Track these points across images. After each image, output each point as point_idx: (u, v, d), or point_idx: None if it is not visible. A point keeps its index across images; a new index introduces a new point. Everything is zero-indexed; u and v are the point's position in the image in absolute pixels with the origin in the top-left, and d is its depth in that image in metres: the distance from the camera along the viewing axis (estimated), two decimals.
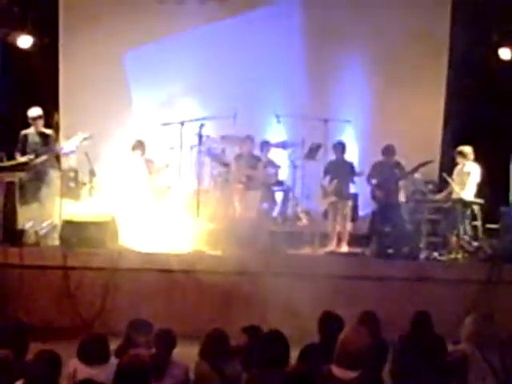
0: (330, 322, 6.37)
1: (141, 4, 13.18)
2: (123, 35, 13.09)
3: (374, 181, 11.45)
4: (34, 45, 12.67)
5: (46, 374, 5.31)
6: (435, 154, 12.47)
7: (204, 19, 13.11)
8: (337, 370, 5.18)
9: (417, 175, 11.40)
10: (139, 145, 11.61)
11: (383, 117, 13.01)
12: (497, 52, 12.24)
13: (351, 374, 5.13)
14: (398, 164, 11.40)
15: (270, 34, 13.13)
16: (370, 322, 6.68)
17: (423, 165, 11.23)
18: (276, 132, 12.89)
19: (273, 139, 12.66)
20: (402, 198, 11.42)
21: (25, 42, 12.44)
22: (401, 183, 11.39)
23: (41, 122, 11.10)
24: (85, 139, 10.88)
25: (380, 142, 11.82)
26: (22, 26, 12.45)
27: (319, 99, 13.06)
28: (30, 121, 11.05)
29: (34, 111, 11.08)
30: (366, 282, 9.58)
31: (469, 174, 11.08)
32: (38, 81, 12.60)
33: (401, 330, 6.96)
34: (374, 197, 11.47)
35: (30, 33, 12.51)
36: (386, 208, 11.20)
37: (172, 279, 9.74)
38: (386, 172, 11.35)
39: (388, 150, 11.43)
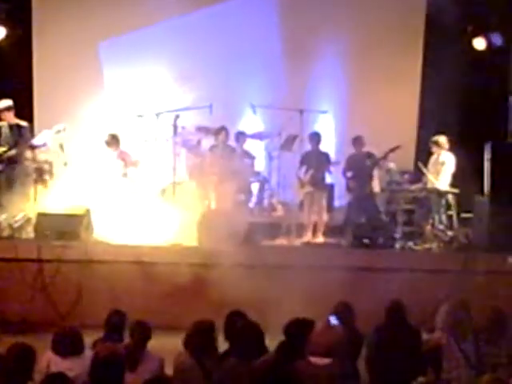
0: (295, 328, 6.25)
1: None
2: (98, 25, 12.98)
3: (349, 173, 11.49)
4: (7, 36, 12.54)
5: (19, 368, 5.28)
6: (411, 143, 12.50)
7: (179, 9, 13.03)
8: (312, 359, 5.33)
9: (392, 165, 11.41)
10: (113, 139, 11.53)
11: (359, 107, 13.03)
12: (471, 42, 12.30)
13: (325, 361, 5.30)
14: (369, 154, 11.45)
15: (246, 24, 13.13)
16: (345, 313, 6.69)
17: (392, 150, 11.24)
18: (252, 123, 12.87)
19: (249, 130, 12.64)
20: (376, 188, 11.47)
21: None
22: (376, 173, 11.43)
23: (10, 114, 10.95)
24: (58, 131, 10.80)
25: (356, 132, 11.85)
26: None
27: (295, 90, 13.04)
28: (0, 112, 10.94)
29: (1, 103, 10.97)
30: (341, 273, 9.55)
31: (443, 163, 11.13)
32: (11, 72, 12.49)
33: (376, 320, 6.97)
34: (348, 189, 11.52)
35: (2, 24, 12.39)
36: (360, 199, 11.24)
37: (147, 271, 9.68)
38: (359, 163, 11.41)
39: (357, 141, 11.54)
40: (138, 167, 11.55)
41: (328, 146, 12.39)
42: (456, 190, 11.05)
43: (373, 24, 12.98)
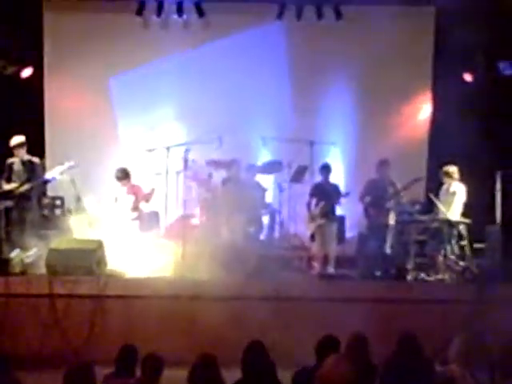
0: (328, 345, 6.33)
1: (125, 29, 13.23)
2: (108, 61, 13.12)
3: (367, 198, 11.44)
4: (18, 73, 12.67)
5: None
6: (421, 174, 12.49)
7: (189, 43, 13.21)
8: None
9: (403, 196, 11.40)
10: (123, 173, 11.55)
11: (369, 139, 13.09)
12: (480, 71, 12.35)
13: None
14: (391, 183, 11.41)
15: (255, 57, 13.22)
16: (359, 345, 6.65)
17: (416, 181, 11.26)
18: (262, 155, 12.91)
19: (259, 162, 12.67)
20: (392, 220, 11.37)
21: (10, 70, 12.42)
22: (390, 204, 11.37)
23: (22, 150, 11.02)
24: (70, 167, 10.85)
25: (365, 164, 11.88)
26: (6, 53, 12.47)
27: (305, 122, 13.11)
28: (12, 149, 11.01)
29: (14, 139, 11.03)
30: (353, 304, 9.52)
31: (454, 193, 11.09)
32: (23, 109, 12.58)
33: (388, 352, 6.92)
34: (367, 215, 11.46)
35: (14, 61, 12.51)
36: (376, 228, 11.20)
37: (160, 305, 9.67)
38: (380, 190, 11.35)
39: (384, 165, 11.45)
40: (149, 201, 11.57)
41: (338, 177, 12.40)
42: (468, 221, 11.00)
43: (381, 56, 13.01)
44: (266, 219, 12.24)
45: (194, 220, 11.70)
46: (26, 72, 12.72)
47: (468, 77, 12.61)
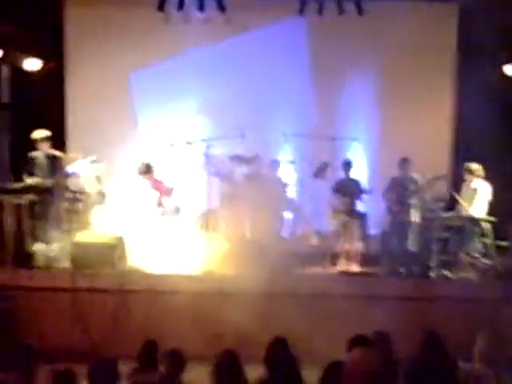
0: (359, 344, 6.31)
1: (147, 24, 13.18)
2: (129, 56, 13.10)
3: (390, 195, 11.41)
4: (41, 68, 12.70)
5: None
6: (444, 171, 12.41)
7: (210, 38, 13.14)
8: None
9: (426, 193, 11.34)
10: (146, 168, 11.60)
11: (391, 134, 13.00)
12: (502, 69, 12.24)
13: None
14: (413, 180, 11.36)
15: (276, 52, 13.17)
16: (382, 343, 6.63)
17: (438, 178, 11.21)
18: (284, 151, 12.88)
19: (281, 158, 12.64)
20: (415, 216, 11.29)
21: (33, 64, 12.45)
22: (413, 201, 11.31)
23: (46, 144, 11.05)
24: (92, 161, 10.89)
25: (388, 160, 11.82)
26: (28, 48, 12.50)
27: (326, 118, 13.06)
28: (35, 143, 11.04)
29: (38, 133, 11.06)
30: (377, 302, 9.50)
31: (475, 190, 11.02)
32: (45, 103, 12.62)
33: (412, 350, 6.89)
34: (390, 212, 11.42)
35: (36, 55, 12.53)
36: (400, 224, 11.16)
37: (182, 300, 9.67)
38: (402, 187, 11.32)
39: (405, 163, 11.42)
40: (172, 196, 11.59)
41: (360, 173, 12.36)
42: (492, 218, 10.93)
43: (403, 51, 12.94)
44: (288, 216, 12.23)
45: (217, 215, 11.68)
46: (34, 64, 12.63)
47: (509, 70, 12.38)
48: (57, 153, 11.18)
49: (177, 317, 9.65)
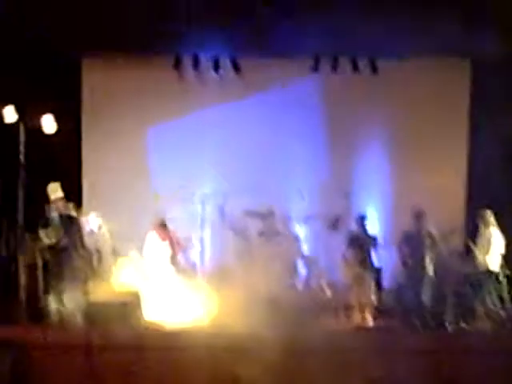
0: None
1: (162, 83, 13.37)
2: (145, 113, 13.30)
3: (405, 249, 11.36)
4: (57, 122, 12.84)
5: None
6: (459, 222, 12.39)
7: (225, 97, 13.31)
8: None
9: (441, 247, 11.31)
10: (161, 224, 11.65)
11: (405, 189, 13.02)
12: None
13: None
14: (429, 234, 11.31)
15: (291, 108, 13.34)
16: None
17: (452, 232, 11.19)
18: (298, 206, 12.90)
19: (295, 213, 12.66)
20: (430, 270, 11.23)
21: (49, 128, 12.58)
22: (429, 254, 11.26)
23: (60, 203, 11.09)
24: (106, 220, 10.92)
25: (402, 213, 11.81)
26: (45, 109, 12.67)
27: (340, 173, 13.15)
28: (51, 202, 11.10)
29: (52, 192, 11.09)
30: (394, 356, 9.41)
31: (489, 239, 11.00)
32: (60, 158, 12.74)
33: None
34: (404, 265, 11.36)
35: (53, 113, 12.68)
36: (413, 278, 11.10)
37: (197, 357, 9.61)
38: (417, 241, 11.27)
39: (420, 216, 11.37)
40: (186, 251, 11.61)
41: (374, 226, 12.35)
42: (507, 271, 10.87)
43: (417, 105, 13.15)
44: (302, 269, 12.20)
45: (231, 271, 11.68)
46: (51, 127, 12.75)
47: None
48: (71, 212, 11.19)
49: (193, 373, 9.58)
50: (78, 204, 12.72)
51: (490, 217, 11.07)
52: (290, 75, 13.34)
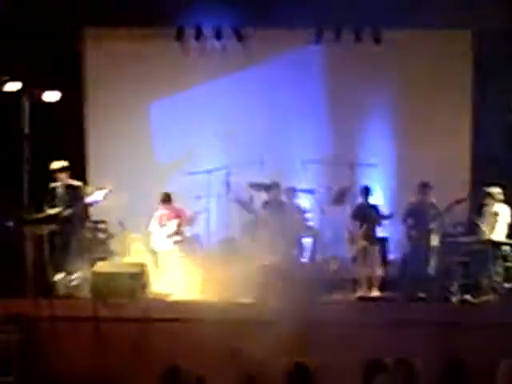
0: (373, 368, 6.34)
1: (165, 55, 13.34)
2: (147, 86, 13.28)
3: (409, 221, 11.41)
4: (61, 99, 12.81)
5: None
6: (463, 195, 12.39)
7: (228, 68, 13.31)
8: None
9: (445, 218, 11.34)
10: (166, 197, 11.68)
11: (409, 160, 13.03)
12: None
13: None
14: (432, 205, 11.35)
15: (295, 79, 13.31)
16: (404, 368, 6.60)
17: (458, 202, 11.19)
18: (303, 178, 12.91)
19: (300, 185, 12.68)
20: (435, 241, 11.29)
21: (52, 96, 12.55)
22: (433, 226, 11.30)
23: (64, 175, 11.10)
24: (111, 191, 10.93)
25: (407, 185, 11.86)
26: (48, 80, 12.63)
27: (344, 144, 13.16)
28: (54, 173, 11.11)
29: (56, 164, 11.13)
30: (398, 327, 9.46)
31: (496, 214, 11.02)
32: (64, 133, 12.73)
33: (435, 375, 6.86)
34: (409, 237, 11.42)
35: (56, 86, 12.65)
36: (419, 250, 11.15)
37: (204, 328, 9.66)
38: (422, 213, 11.31)
39: (425, 188, 11.40)
40: (193, 224, 11.64)
41: (379, 199, 12.38)
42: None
43: (420, 77, 13.09)
44: (307, 242, 12.24)
45: (237, 243, 11.72)
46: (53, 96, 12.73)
47: None
48: (76, 183, 11.22)
49: (200, 345, 9.63)
50: (83, 176, 12.79)
51: (496, 190, 11.08)
52: (293, 44, 13.26)
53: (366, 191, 11.77)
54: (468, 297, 10.52)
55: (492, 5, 11.72)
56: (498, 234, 10.95)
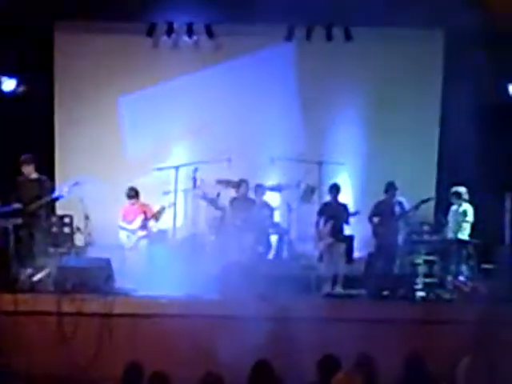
0: (328, 365, 6.36)
1: (135, 50, 13.27)
2: (118, 80, 13.22)
3: (375, 219, 11.49)
4: (29, 90, 12.73)
5: None
6: (430, 194, 12.45)
7: (198, 65, 13.26)
8: None
9: (411, 217, 11.42)
10: (133, 192, 11.64)
11: (377, 159, 13.06)
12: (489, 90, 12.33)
13: None
14: (399, 203, 11.44)
15: (265, 77, 13.27)
16: (366, 365, 6.63)
17: (424, 202, 11.29)
18: (271, 175, 12.92)
19: (267, 182, 12.68)
20: (400, 240, 11.40)
21: (8, 85, 12.49)
22: (399, 224, 11.39)
23: (30, 168, 11.03)
24: (77, 185, 10.87)
25: (374, 184, 11.90)
26: (15, 71, 12.56)
27: (314, 142, 13.17)
28: (20, 166, 11.03)
29: (22, 157, 11.06)
30: (361, 324, 9.50)
31: (464, 214, 11.12)
32: (32, 126, 12.63)
33: (395, 373, 6.90)
34: (375, 235, 11.49)
35: (25, 79, 12.58)
36: (385, 247, 11.22)
37: (167, 323, 9.67)
38: (388, 211, 11.40)
39: (391, 187, 11.49)
40: (159, 220, 11.61)
41: (346, 197, 12.42)
42: (476, 241, 11.00)
43: (390, 76, 13.11)
44: (274, 239, 12.25)
45: (203, 239, 11.70)
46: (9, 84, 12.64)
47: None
48: (42, 176, 11.15)
49: (162, 341, 9.62)
50: (51, 170, 12.71)
51: (463, 190, 11.17)
52: (264, 42, 13.24)
53: (335, 189, 11.81)
54: (432, 295, 10.56)
55: (464, 4, 11.77)
56: (464, 234, 11.04)
